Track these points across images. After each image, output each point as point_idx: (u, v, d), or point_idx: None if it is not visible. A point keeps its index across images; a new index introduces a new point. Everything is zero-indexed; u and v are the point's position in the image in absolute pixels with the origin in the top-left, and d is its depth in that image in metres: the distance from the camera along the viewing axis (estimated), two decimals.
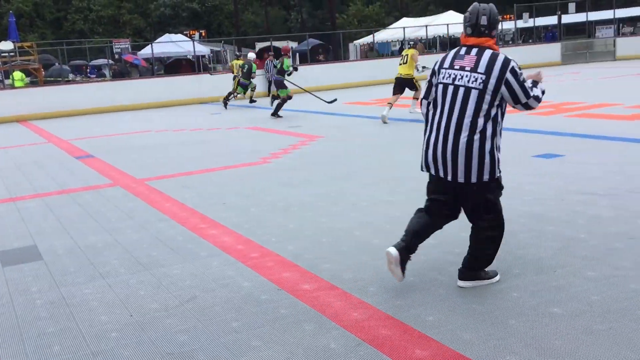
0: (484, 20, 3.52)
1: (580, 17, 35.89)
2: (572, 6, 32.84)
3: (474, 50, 3.49)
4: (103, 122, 16.83)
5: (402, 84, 12.67)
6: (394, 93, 12.65)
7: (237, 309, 3.57)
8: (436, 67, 3.63)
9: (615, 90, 14.80)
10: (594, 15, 37.13)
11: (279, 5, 61.18)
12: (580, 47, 29.17)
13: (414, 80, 12.62)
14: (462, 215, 5.08)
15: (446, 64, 3.56)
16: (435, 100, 3.60)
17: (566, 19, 34.98)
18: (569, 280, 3.62)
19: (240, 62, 20.22)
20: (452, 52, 3.60)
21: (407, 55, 12.75)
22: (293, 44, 35.02)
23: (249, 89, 19.47)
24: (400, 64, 12.85)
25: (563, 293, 3.45)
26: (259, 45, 32.21)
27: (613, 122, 9.79)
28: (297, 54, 34.19)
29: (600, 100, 12.83)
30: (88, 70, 31.63)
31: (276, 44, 28.80)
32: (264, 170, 7.86)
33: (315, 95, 15.90)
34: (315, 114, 14.94)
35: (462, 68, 3.46)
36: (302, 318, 3.36)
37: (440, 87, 3.55)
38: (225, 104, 18.43)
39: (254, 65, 19.10)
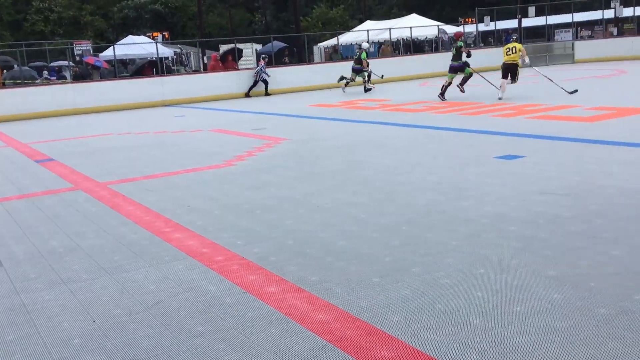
0: None
1: (540, 21, 36.63)
2: (532, 10, 33.48)
3: None
4: (64, 125, 16.52)
5: (508, 69, 14.89)
6: (504, 77, 14.95)
7: (202, 313, 3.53)
8: None
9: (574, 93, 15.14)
10: (553, 19, 37.95)
11: (243, 8, 60.96)
12: (540, 50, 29.75)
13: (517, 67, 14.97)
14: (424, 218, 5.15)
15: None
16: None
17: (526, 22, 35.68)
18: (531, 279, 3.69)
19: None
20: None
21: (514, 47, 14.87)
22: (257, 46, 34.90)
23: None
24: (507, 54, 14.91)
25: (525, 292, 3.51)
26: (223, 48, 31.99)
27: (572, 123, 10.01)
28: (261, 57, 34.08)
29: (560, 102, 13.10)
30: (46, 72, 30.95)
31: (240, 46, 28.66)
32: (229, 173, 7.81)
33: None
34: (280, 116, 14.92)
35: None
36: (268, 321, 3.35)
37: None
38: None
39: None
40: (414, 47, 34.68)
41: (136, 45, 31.59)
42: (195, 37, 49.28)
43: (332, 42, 38.52)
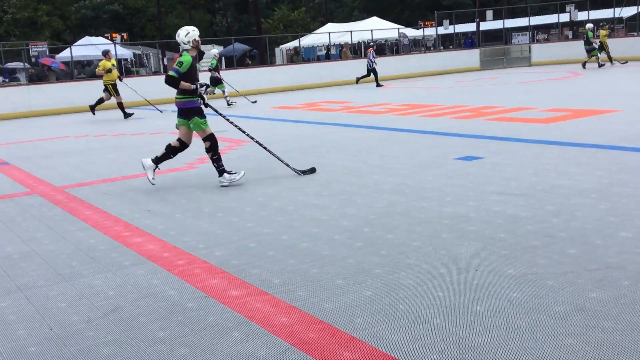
0: None
1: (498, 25, 37.36)
2: (489, 14, 34.09)
3: None
4: (19, 128, 16.12)
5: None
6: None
7: (163, 318, 3.48)
8: None
9: (531, 95, 15.45)
10: (511, 23, 38.73)
11: (204, 9, 60.50)
12: (498, 53, 30.27)
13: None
14: (385, 219, 5.18)
15: None
16: None
17: (484, 26, 36.32)
18: (490, 278, 3.74)
19: None
20: None
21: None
22: (219, 48, 34.68)
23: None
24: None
25: (484, 291, 3.55)
26: None
27: (529, 125, 10.20)
28: (223, 58, 33.88)
29: (517, 104, 13.35)
30: None
31: (202, 47, 28.41)
32: (190, 176, 7.73)
33: None
34: (242, 118, 14.83)
35: None
36: (231, 325, 3.32)
37: None
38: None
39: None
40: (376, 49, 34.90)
41: (94, 47, 31.03)
42: (155, 38, 48.73)
43: (293, 44, 38.52)
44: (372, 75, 22.51)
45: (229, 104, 18.70)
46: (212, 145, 6.98)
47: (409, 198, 5.85)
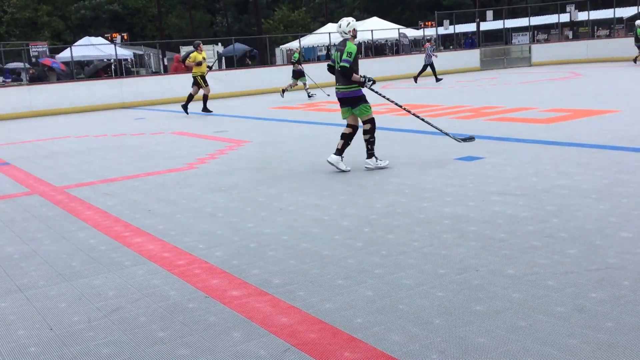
0: None
1: (498, 25, 37.36)
2: (489, 14, 34.07)
3: None
4: (19, 128, 16.13)
5: None
6: None
7: (163, 318, 3.48)
8: None
9: (531, 95, 15.44)
10: (511, 23, 38.73)
11: (204, 9, 60.50)
12: (498, 53, 30.27)
13: None
14: (386, 220, 5.18)
15: None
16: None
17: (484, 26, 36.33)
18: (490, 278, 3.74)
19: None
20: None
21: None
22: (219, 48, 34.67)
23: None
24: None
25: (485, 291, 3.55)
26: (184, 49, 31.70)
27: (529, 125, 10.20)
28: (223, 58, 33.90)
29: (517, 104, 13.35)
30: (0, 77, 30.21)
31: (204, 47, 28.41)
32: (190, 176, 7.73)
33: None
34: (242, 118, 14.85)
35: None
36: (231, 325, 3.32)
37: None
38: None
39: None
40: (375, 49, 34.94)
41: (94, 47, 31.05)
42: (155, 38, 48.76)
43: (294, 44, 38.53)
44: (429, 70, 22.48)
45: (309, 96, 19.59)
46: (371, 127, 7.50)
47: (410, 198, 5.85)
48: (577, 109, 11.77)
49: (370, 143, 7.48)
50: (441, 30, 33.18)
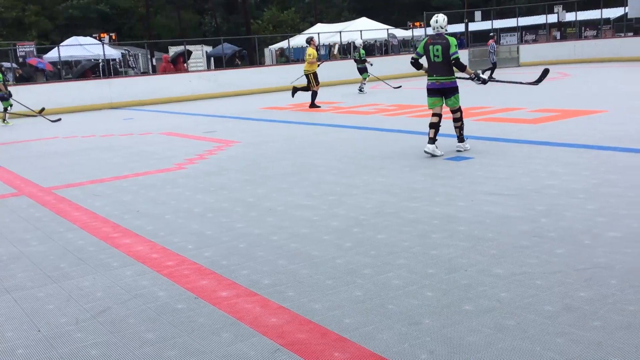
0: None
1: (486, 25, 37.47)
2: (478, 14, 34.23)
3: None
4: (5, 129, 16.01)
5: None
6: None
7: (152, 319, 3.47)
8: None
9: (519, 95, 15.51)
10: (499, 24, 38.88)
11: (192, 9, 60.31)
12: (487, 53, 30.37)
13: None
14: (375, 220, 5.19)
15: None
16: None
17: (473, 26, 36.43)
18: (479, 278, 3.75)
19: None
20: None
21: None
22: (207, 48, 34.59)
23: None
24: None
25: (474, 290, 3.57)
26: (173, 49, 31.59)
27: (518, 125, 10.26)
28: (212, 58, 33.82)
29: (506, 104, 13.41)
30: None
31: (190, 47, 28.37)
32: (180, 176, 7.71)
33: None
34: (231, 119, 14.82)
35: None
36: (220, 326, 3.31)
37: None
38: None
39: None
40: (364, 49, 34.92)
41: (82, 47, 30.87)
42: (144, 38, 48.58)
43: (283, 44, 38.51)
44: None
45: (360, 90, 19.98)
46: (462, 114, 8.27)
47: (399, 198, 5.87)
48: (565, 109, 11.85)
49: (461, 129, 8.20)
50: (430, 31, 33.27)
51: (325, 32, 33.51)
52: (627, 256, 3.95)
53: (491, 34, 24.29)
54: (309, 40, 16.53)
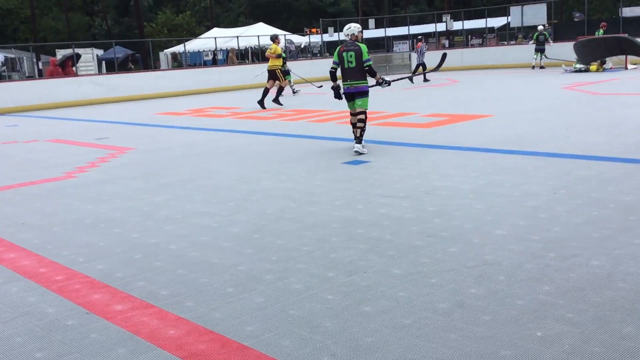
0: None
1: (380, 33, 38.58)
2: (372, 22, 35.11)
3: None
4: None
5: None
6: None
7: (40, 338, 3.27)
8: None
9: (411, 100, 16.06)
10: (392, 31, 40.10)
11: (82, 11, 57.93)
12: (380, 60, 31.18)
13: None
14: (275, 225, 5.18)
15: None
16: None
17: (367, 34, 37.32)
18: (378, 279, 3.83)
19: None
20: None
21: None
22: (98, 52, 33.32)
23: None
24: None
25: (373, 292, 3.63)
26: (61, 52, 30.16)
27: (411, 129, 10.60)
28: (104, 62, 32.63)
29: (399, 109, 13.82)
30: None
31: (79, 50, 27.20)
32: (69, 186, 7.35)
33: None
34: (125, 125, 14.33)
35: None
36: (115, 341, 3.18)
37: None
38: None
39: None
40: (261, 55, 34.89)
41: None
42: (29, 41, 46.11)
43: (179, 48, 37.76)
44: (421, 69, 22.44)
45: (294, 92, 20.27)
46: (366, 117, 8.65)
47: (299, 203, 5.89)
48: (454, 114, 12.37)
49: (363, 130, 8.55)
50: (326, 37, 33.76)
51: (223, 37, 33.19)
52: (513, 253, 4.17)
53: (419, 37, 25.46)
54: (274, 38, 16.81)
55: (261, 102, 16.15)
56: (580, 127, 9.59)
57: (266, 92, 16.28)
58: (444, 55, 9.73)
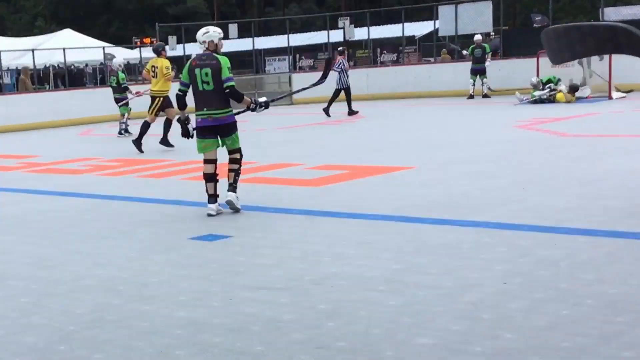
0: None
1: (246, 45, 39.01)
2: (233, 29, 35.27)
3: None
4: None
5: None
6: None
7: None
8: None
9: (294, 145, 16.22)
10: (263, 42, 40.60)
11: None
12: (247, 85, 31.20)
13: None
14: (90, 332, 5.02)
15: None
16: None
17: (228, 45, 37.60)
18: None
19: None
20: None
21: None
22: None
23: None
24: None
25: None
26: None
27: (293, 188, 10.65)
28: None
29: (275, 158, 13.86)
30: None
31: None
32: None
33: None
34: None
35: None
36: None
37: None
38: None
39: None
40: (69, 78, 34.37)
41: None
42: None
43: None
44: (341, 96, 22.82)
45: (122, 133, 20.66)
46: (241, 157, 9.05)
47: (126, 298, 5.78)
48: (357, 165, 12.52)
49: (238, 174, 8.91)
50: (171, 53, 33.76)
51: (10, 51, 32.32)
52: None
53: (340, 48, 24.61)
54: (160, 50, 16.84)
55: (164, 141, 16.31)
56: (542, 184, 9.69)
57: (164, 128, 16.44)
58: (328, 61, 9.77)
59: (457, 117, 20.68)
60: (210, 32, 8.77)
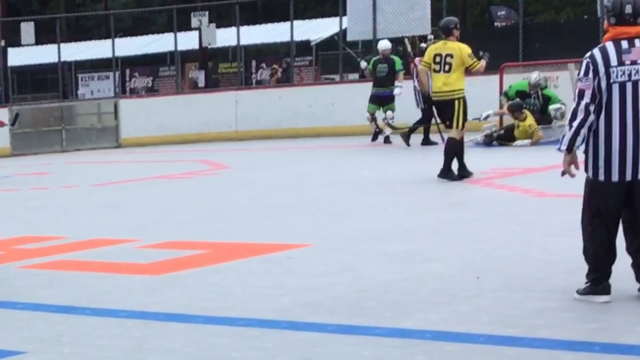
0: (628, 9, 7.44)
1: (41, 57, 38.82)
2: (28, 30, 35.20)
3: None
4: None
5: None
6: None
7: None
8: (599, 68, 7.54)
9: (120, 211, 16.27)
10: (70, 51, 40.46)
11: None
12: (48, 119, 31.01)
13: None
14: None
15: (613, 62, 7.51)
16: (608, 102, 7.57)
17: (12, 58, 37.34)
18: None
19: None
20: (610, 49, 7.58)
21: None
22: None
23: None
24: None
25: None
26: None
27: (118, 278, 10.65)
28: None
29: (91, 232, 13.84)
30: None
31: None
32: None
33: None
34: None
35: (634, 62, 7.50)
36: None
37: (617, 86, 7.53)
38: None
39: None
40: None
41: None
42: None
43: None
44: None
45: None
46: None
47: None
48: (218, 241, 12.69)
49: None
50: None
51: None
52: None
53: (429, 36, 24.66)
54: None
55: None
56: (506, 273, 9.58)
57: None
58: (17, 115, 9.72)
59: (374, 166, 20.98)
60: None
